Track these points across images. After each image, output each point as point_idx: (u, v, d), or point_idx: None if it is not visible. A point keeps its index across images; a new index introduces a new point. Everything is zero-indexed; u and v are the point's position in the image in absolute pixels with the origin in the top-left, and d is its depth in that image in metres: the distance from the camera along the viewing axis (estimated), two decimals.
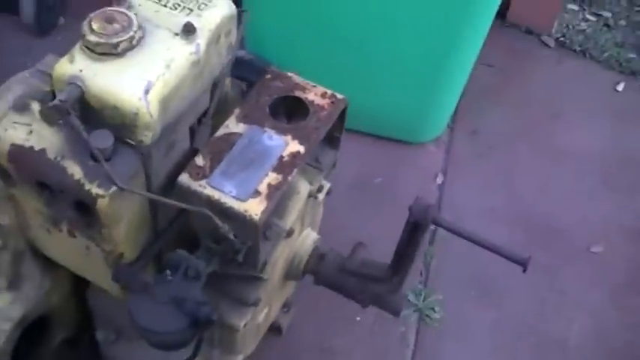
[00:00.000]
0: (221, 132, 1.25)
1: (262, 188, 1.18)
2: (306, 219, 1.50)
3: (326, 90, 1.34)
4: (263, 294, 1.40)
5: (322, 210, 1.62)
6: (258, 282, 1.36)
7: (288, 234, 1.34)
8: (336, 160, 1.47)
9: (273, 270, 1.40)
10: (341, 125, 1.39)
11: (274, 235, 1.29)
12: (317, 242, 1.56)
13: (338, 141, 1.44)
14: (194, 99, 1.22)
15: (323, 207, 1.61)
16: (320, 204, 1.56)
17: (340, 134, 1.42)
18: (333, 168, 1.48)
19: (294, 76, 1.36)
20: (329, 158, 1.45)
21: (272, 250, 1.31)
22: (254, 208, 1.16)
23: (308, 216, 1.51)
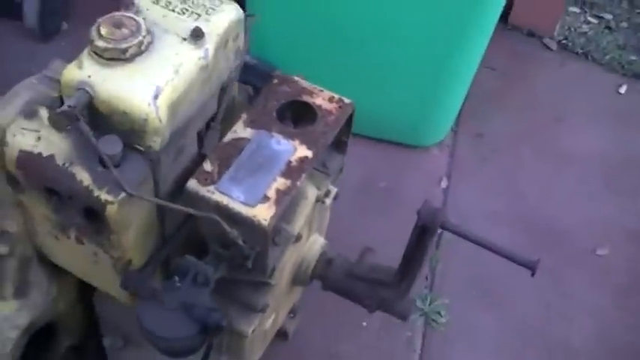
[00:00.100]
0: (229, 137, 1.25)
1: (271, 193, 1.18)
2: (313, 224, 1.49)
3: (333, 94, 1.33)
4: (271, 300, 1.39)
5: (329, 215, 1.61)
6: (266, 288, 1.35)
7: (296, 239, 1.33)
8: (343, 165, 1.46)
9: (281, 275, 1.39)
10: (348, 130, 1.38)
11: (283, 241, 1.28)
12: (324, 247, 1.56)
13: (345, 145, 1.43)
14: (202, 104, 1.21)
15: (329, 211, 1.60)
16: (327, 209, 1.55)
17: (347, 139, 1.42)
18: (341, 173, 1.47)
19: (301, 81, 1.35)
20: (336, 163, 1.44)
21: (280, 256, 1.30)
22: (263, 214, 1.15)
23: (315, 221, 1.50)
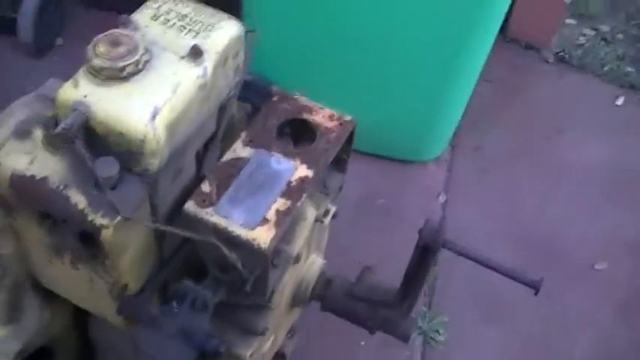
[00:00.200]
0: (228, 157, 1.22)
1: (270, 215, 1.15)
2: (312, 244, 1.46)
3: (333, 112, 1.31)
4: (270, 322, 1.36)
5: (327, 234, 1.58)
6: (265, 311, 1.32)
7: (295, 260, 1.30)
8: (343, 184, 1.44)
9: (280, 298, 1.36)
10: (349, 147, 1.36)
11: (282, 262, 1.25)
12: (323, 267, 1.52)
13: (345, 164, 1.41)
14: (201, 123, 1.19)
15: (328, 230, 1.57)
16: (326, 228, 1.52)
17: (348, 157, 1.39)
18: (340, 191, 1.44)
19: (301, 98, 1.32)
20: (336, 182, 1.41)
21: (280, 278, 1.27)
22: (262, 237, 1.12)
23: (314, 241, 1.47)
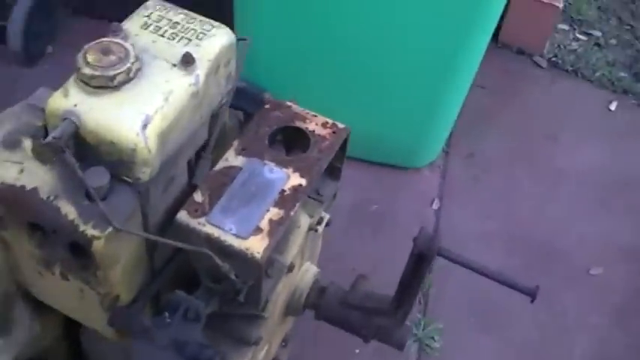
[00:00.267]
0: (220, 166, 1.20)
1: (264, 224, 1.13)
2: (305, 252, 1.45)
3: (327, 120, 1.30)
4: (264, 332, 1.35)
5: (321, 242, 1.57)
6: (259, 321, 1.30)
7: (289, 269, 1.29)
8: (337, 191, 1.42)
9: (274, 307, 1.35)
10: (342, 155, 1.35)
11: (276, 272, 1.24)
12: (317, 276, 1.51)
13: (339, 171, 1.39)
14: (193, 132, 1.17)
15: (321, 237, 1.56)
16: (319, 236, 1.51)
17: (341, 165, 1.38)
18: (334, 199, 1.43)
19: (293, 106, 1.31)
20: (329, 189, 1.40)
21: (273, 287, 1.25)
22: (256, 246, 1.11)
23: (308, 249, 1.46)
